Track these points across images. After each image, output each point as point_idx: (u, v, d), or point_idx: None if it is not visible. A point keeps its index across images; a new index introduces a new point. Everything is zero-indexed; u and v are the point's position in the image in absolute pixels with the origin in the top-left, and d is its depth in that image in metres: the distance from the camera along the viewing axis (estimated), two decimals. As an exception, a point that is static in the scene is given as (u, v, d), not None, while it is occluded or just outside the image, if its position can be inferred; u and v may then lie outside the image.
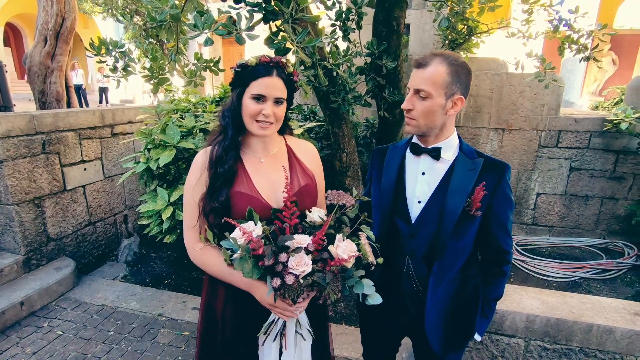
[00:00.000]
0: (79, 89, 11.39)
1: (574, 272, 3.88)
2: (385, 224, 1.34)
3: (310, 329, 1.31)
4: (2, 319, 2.64)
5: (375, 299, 1.09)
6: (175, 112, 3.28)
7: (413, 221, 1.28)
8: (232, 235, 1.09)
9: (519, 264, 4.01)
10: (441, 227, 1.23)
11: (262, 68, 1.16)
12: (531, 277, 3.79)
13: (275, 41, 1.63)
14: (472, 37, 3.88)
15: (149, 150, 2.82)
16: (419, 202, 1.28)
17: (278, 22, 1.72)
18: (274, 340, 1.26)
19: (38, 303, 2.91)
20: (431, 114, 1.17)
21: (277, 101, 1.19)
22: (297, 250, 1.07)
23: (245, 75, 1.17)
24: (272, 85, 1.16)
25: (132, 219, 4.25)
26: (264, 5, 1.58)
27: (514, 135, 4.56)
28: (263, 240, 1.08)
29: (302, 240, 1.08)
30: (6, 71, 3.67)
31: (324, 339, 1.48)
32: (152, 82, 3.13)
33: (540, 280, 3.73)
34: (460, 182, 1.22)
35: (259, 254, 1.04)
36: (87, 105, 11.10)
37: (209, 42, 1.59)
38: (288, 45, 1.67)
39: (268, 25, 1.76)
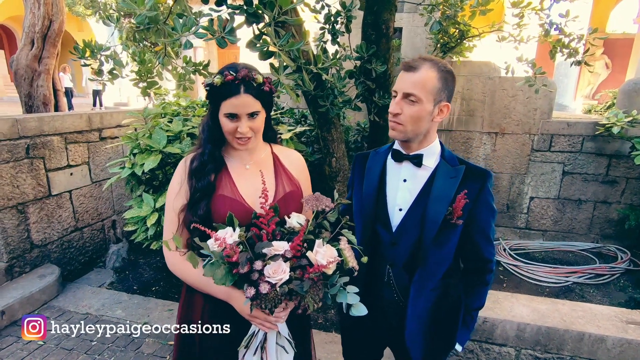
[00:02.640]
0: (68, 92, 11.28)
1: (567, 277, 3.85)
2: (367, 232, 1.31)
3: (291, 340, 1.26)
4: (-19, 329, 2.57)
5: (360, 310, 1.04)
6: (163, 116, 3.23)
7: (394, 229, 1.26)
8: (208, 242, 1.05)
9: (512, 269, 3.98)
10: (422, 236, 1.21)
11: (228, 88, 1.12)
12: (524, 282, 3.75)
13: (258, 45, 1.59)
14: (464, 41, 3.87)
15: (134, 155, 2.77)
16: (400, 209, 1.25)
17: (261, 25, 1.68)
18: (254, 353, 1.22)
19: (20, 312, 2.83)
20: (419, 119, 1.14)
21: (252, 115, 1.16)
22: (274, 257, 1.03)
23: (214, 94, 1.15)
24: (242, 104, 1.13)
25: (120, 224, 4.18)
26: (245, 7, 1.54)
27: (507, 139, 4.54)
28: (240, 247, 1.04)
29: (280, 247, 1.04)
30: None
31: (305, 347, 1.44)
32: (140, 85, 3.08)
33: (533, 286, 3.69)
34: (441, 189, 1.20)
35: (234, 261, 1.00)
36: (70, 108, 10.99)
37: (187, 45, 1.55)
38: (271, 48, 1.63)
39: (251, 28, 1.72)
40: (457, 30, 3.82)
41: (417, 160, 1.22)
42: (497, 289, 3.59)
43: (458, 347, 1.38)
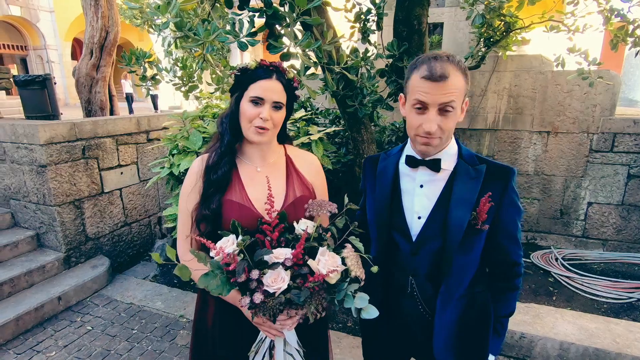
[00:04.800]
0: (129, 97, 12.25)
1: (631, 292, 3.43)
2: (382, 241, 1.24)
3: (300, 349, 1.24)
4: (40, 312, 2.85)
5: (370, 312, 1.00)
6: (202, 118, 3.37)
7: (414, 238, 1.18)
8: (210, 254, 1.06)
9: (564, 281, 3.63)
10: (446, 244, 1.12)
11: (262, 71, 1.15)
12: (578, 296, 3.41)
13: (277, 46, 1.59)
14: (511, 34, 3.60)
15: (173, 155, 2.92)
16: (419, 217, 1.17)
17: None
18: (262, 359, 1.22)
19: (74, 299, 3.11)
20: (453, 127, 1.07)
21: (276, 106, 1.16)
22: (273, 266, 1.01)
23: (244, 79, 1.16)
24: (271, 88, 1.14)
25: (165, 220, 4.44)
26: (265, 10, 1.55)
27: (561, 138, 4.16)
28: (241, 255, 1.04)
29: (281, 254, 1.02)
30: (55, 83, 4.00)
31: (321, 352, 1.41)
32: (182, 89, 3.25)
33: (588, 300, 3.34)
34: (462, 192, 1.10)
35: (233, 270, 1.00)
36: (131, 112, 11.93)
37: (210, 48, 1.59)
38: (291, 49, 1.63)
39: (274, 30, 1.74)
40: (503, 23, 3.56)
41: (435, 166, 1.13)
42: (546, 302, 3.29)
43: (491, 357, 1.28)
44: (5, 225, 3.44)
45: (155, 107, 13.49)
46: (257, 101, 1.13)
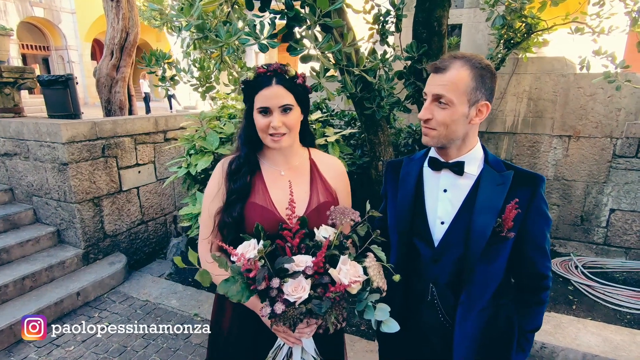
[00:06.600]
0: (147, 97, 12.48)
1: (656, 303, 3.31)
2: (403, 247, 1.22)
3: (317, 357, 1.23)
4: (60, 306, 2.92)
5: (391, 326, 0.97)
6: (218, 118, 3.40)
7: (436, 244, 1.15)
8: (231, 259, 1.06)
9: (584, 290, 3.53)
10: (468, 251, 1.09)
11: (261, 79, 1.13)
12: (599, 306, 3.31)
13: (297, 49, 1.59)
14: (532, 35, 3.52)
15: (190, 155, 2.95)
16: (442, 223, 1.15)
17: (303, 29, 1.68)
18: None
19: (92, 294, 3.17)
20: (453, 123, 1.04)
21: (285, 109, 1.14)
22: (294, 274, 0.99)
23: (249, 91, 1.16)
24: (274, 95, 1.12)
25: (181, 219, 4.49)
26: (286, 11, 1.55)
27: (583, 143, 4.05)
28: (261, 261, 1.03)
29: (302, 262, 1.01)
30: (77, 83, 4.09)
31: (338, 358, 1.40)
32: (199, 90, 3.28)
33: (610, 311, 3.23)
34: (487, 198, 1.08)
35: (254, 276, 0.99)
36: (148, 112, 12.14)
37: (229, 50, 1.60)
38: (311, 52, 1.62)
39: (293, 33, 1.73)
40: (524, 24, 3.49)
41: (458, 169, 1.11)
42: (565, 311, 3.21)
43: None
44: (27, 221, 3.54)
45: (171, 107, 13.70)
46: (265, 110, 1.13)
